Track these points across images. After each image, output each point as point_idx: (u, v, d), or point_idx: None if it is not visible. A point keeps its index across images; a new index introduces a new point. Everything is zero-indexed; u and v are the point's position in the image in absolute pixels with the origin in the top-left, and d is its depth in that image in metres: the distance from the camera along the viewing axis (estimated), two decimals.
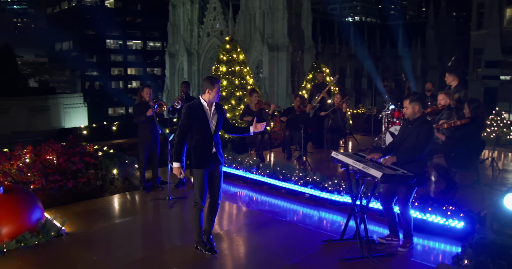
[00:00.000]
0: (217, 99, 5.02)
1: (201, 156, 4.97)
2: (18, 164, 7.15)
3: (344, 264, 4.83)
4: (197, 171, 5.00)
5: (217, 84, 4.95)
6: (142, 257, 5.05)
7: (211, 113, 4.97)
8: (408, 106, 5.18)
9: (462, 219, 5.54)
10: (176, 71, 38.90)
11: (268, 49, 34.19)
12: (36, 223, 5.51)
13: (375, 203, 6.15)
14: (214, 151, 5.02)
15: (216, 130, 5.02)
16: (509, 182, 7.26)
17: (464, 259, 3.94)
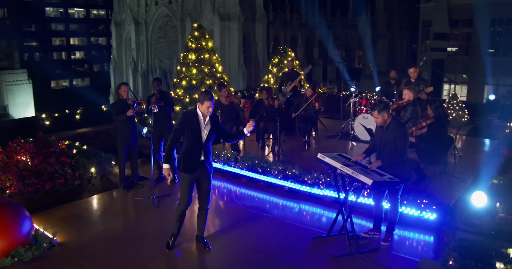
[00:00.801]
0: (211, 113, 5.14)
1: (189, 162, 5.22)
2: None
3: (335, 262, 5.21)
4: (184, 175, 5.27)
5: (207, 101, 5.07)
6: (143, 263, 5.16)
7: (204, 122, 5.15)
8: (378, 116, 5.49)
9: (435, 211, 6.06)
10: (123, 41, 37.41)
11: (219, 18, 33.52)
12: (28, 236, 5.45)
13: None
14: (202, 159, 5.21)
15: (207, 139, 5.20)
16: (470, 169, 7.88)
17: (449, 261, 4.39)
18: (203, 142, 5.17)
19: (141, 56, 36.28)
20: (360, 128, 9.48)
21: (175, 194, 7.35)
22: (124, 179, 7.56)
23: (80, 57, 54.00)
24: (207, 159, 5.24)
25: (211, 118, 5.20)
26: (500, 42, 25.21)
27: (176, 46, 35.66)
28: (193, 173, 5.22)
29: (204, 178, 5.27)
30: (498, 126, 11.59)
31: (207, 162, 5.24)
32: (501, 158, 7.42)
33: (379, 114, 5.42)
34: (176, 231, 5.48)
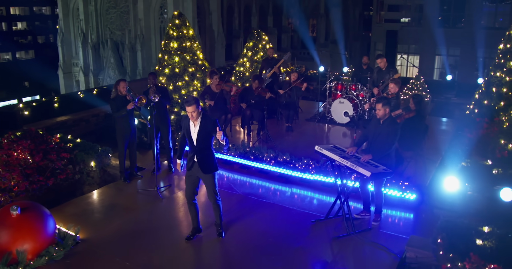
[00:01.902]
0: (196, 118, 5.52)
1: (187, 161, 5.79)
2: None
3: (337, 242, 6.00)
4: (186, 172, 5.85)
5: (187, 107, 5.45)
6: (166, 253, 5.69)
7: (195, 126, 5.59)
8: (381, 108, 6.20)
9: (414, 192, 6.96)
10: (70, 11, 35.65)
11: None
12: (54, 235, 5.80)
13: None
14: (195, 160, 5.67)
15: (198, 142, 5.61)
16: (438, 149, 8.85)
17: (438, 239, 5.26)
18: (194, 144, 5.63)
19: (91, 28, 34.98)
20: (337, 112, 10.22)
21: (176, 184, 7.85)
22: (124, 172, 7.90)
23: (23, 28, 50.68)
24: (200, 160, 5.65)
25: (204, 122, 5.56)
26: (450, 13, 26.56)
27: (127, 17, 34.63)
28: (190, 171, 5.76)
29: (203, 177, 5.75)
30: (456, 104, 12.72)
31: (200, 163, 5.66)
32: (466, 140, 8.38)
33: (382, 107, 6.11)
34: (193, 224, 6.03)
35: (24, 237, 5.44)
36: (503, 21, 27.06)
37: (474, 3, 25.81)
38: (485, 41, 23.81)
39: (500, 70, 9.45)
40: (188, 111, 5.50)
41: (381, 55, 9.32)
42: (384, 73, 8.82)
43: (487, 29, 25.36)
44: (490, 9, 27.38)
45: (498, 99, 9.27)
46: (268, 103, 8.98)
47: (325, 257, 5.73)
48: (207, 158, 5.70)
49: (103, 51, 35.03)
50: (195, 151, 5.67)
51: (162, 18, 34.16)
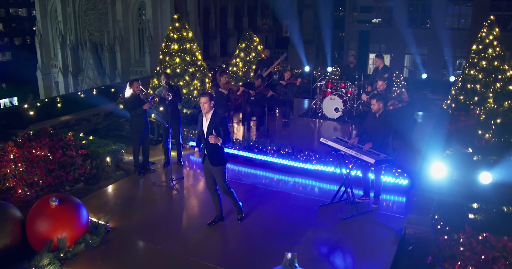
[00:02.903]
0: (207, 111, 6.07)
1: (201, 154, 6.38)
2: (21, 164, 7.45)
3: (343, 223, 6.74)
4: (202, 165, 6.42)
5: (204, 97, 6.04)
6: (194, 237, 6.29)
7: (206, 120, 6.12)
8: (375, 103, 6.99)
9: (406, 178, 7.77)
10: (48, 13, 35.38)
11: None
12: (88, 224, 6.32)
13: None
14: (205, 153, 6.22)
15: (208, 136, 6.03)
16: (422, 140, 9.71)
17: (435, 215, 6.07)
18: (205, 137, 6.13)
19: (69, 29, 34.78)
20: (328, 108, 11.00)
21: (189, 176, 8.44)
22: (138, 166, 8.42)
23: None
24: (210, 154, 6.16)
25: (214, 117, 6.06)
26: (417, 15, 27.91)
27: (106, 18, 34.61)
28: (204, 163, 6.34)
29: (212, 169, 6.26)
30: (431, 99, 13.69)
31: (209, 156, 6.17)
32: (446, 132, 9.29)
33: (377, 102, 6.88)
34: (217, 212, 6.62)
35: (63, 225, 5.92)
36: (465, 22, 28.59)
37: (439, 5, 27.16)
38: (450, 41, 25.19)
39: (474, 69, 10.43)
40: (201, 101, 6.07)
41: (379, 55, 10.05)
42: (380, 72, 9.62)
43: (451, 30, 26.86)
44: (454, 11, 28.87)
45: (473, 95, 10.22)
46: (268, 101, 9.65)
47: (336, 235, 6.45)
48: (215, 151, 6.16)
49: (82, 52, 34.91)
50: (205, 143, 6.18)
51: (140, 19, 34.31)
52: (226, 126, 6.14)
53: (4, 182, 7.23)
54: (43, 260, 5.47)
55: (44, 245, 5.75)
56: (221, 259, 5.81)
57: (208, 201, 7.30)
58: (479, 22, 25.99)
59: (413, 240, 6.48)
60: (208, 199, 7.34)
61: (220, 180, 6.32)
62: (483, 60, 10.16)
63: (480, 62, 10.22)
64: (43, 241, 5.78)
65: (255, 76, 10.64)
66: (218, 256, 5.91)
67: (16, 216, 6.05)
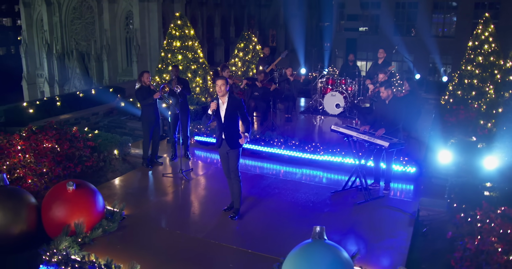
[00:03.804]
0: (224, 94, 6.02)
1: (216, 139, 6.35)
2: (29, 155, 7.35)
3: (358, 207, 6.80)
4: (219, 150, 6.38)
5: (221, 79, 6.02)
6: (213, 221, 6.28)
7: (223, 104, 6.08)
8: (384, 91, 7.13)
9: (414, 166, 7.90)
10: (34, 22, 35.07)
11: None
12: (104, 210, 6.25)
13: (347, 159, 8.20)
14: (223, 137, 6.16)
15: (226, 119, 6.06)
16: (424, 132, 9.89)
17: (451, 194, 6.19)
18: (222, 121, 6.09)
19: (55, 38, 34.53)
20: (329, 104, 11.15)
21: (198, 168, 8.43)
22: (147, 158, 8.37)
23: None
24: (228, 137, 6.09)
25: (232, 101, 6.04)
26: (403, 23, 28.58)
27: (93, 28, 34.51)
28: (220, 148, 6.30)
29: (229, 152, 6.18)
30: (425, 98, 13.97)
31: (227, 140, 6.10)
32: (448, 124, 9.50)
33: (385, 90, 7.03)
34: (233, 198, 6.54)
35: (80, 210, 5.83)
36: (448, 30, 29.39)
37: (423, 14, 27.89)
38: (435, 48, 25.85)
39: (470, 64, 10.74)
40: (217, 84, 5.98)
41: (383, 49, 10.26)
42: (380, 66, 9.82)
43: (436, 37, 27.61)
44: (438, 20, 29.67)
45: (470, 90, 10.50)
46: (273, 95, 9.74)
47: (351, 218, 6.51)
48: (234, 134, 6.11)
49: (69, 61, 34.62)
50: (222, 128, 6.11)
51: (128, 28, 34.31)
52: (244, 109, 6.16)
53: (14, 172, 7.11)
54: (62, 244, 5.38)
55: (60, 231, 5.64)
56: (242, 241, 5.80)
57: (220, 190, 7.31)
58: (463, 29, 26.97)
59: (427, 222, 6.59)
60: (221, 188, 7.37)
61: (234, 162, 6.25)
62: (479, 56, 10.48)
63: (476, 57, 10.55)
64: (60, 226, 5.68)
65: (257, 72, 10.76)
66: (239, 238, 5.91)
67: (31, 202, 5.97)
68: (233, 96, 6.22)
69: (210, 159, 9.06)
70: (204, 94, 11.01)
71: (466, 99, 10.23)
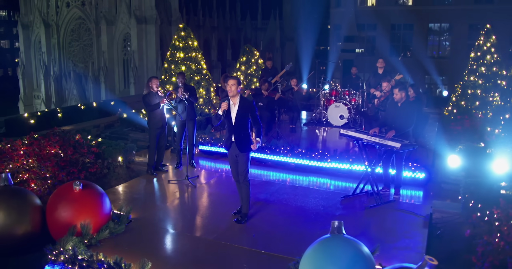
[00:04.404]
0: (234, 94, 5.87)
1: (225, 141, 6.19)
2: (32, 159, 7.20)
3: (370, 211, 6.66)
4: (228, 153, 6.23)
5: (233, 79, 5.90)
6: (223, 224, 6.10)
7: (234, 105, 5.93)
8: (398, 93, 7.10)
9: (423, 171, 7.80)
10: (32, 44, 35.37)
11: (136, 21, 33.50)
12: (111, 213, 6.06)
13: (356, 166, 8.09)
14: (233, 140, 6.00)
15: (236, 121, 5.91)
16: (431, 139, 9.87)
17: (465, 194, 6.08)
18: (232, 123, 5.94)
19: (53, 60, 34.74)
20: (333, 115, 11.13)
21: (204, 175, 8.28)
22: (152, 165, 8.21)
23: None
24: (237, 140, 5.94)
25: (243, 103, 5.89)
26: (399, 44, 29.00)
27: (90, 50, 34.84)
28: (229, 150, 6.14)
29: (239, 155, 6.03)
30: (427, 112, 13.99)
31: (237, 143, 5.95)
32: (453, 132, 9.47)
33: (399, 92, 6.99)
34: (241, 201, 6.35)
35: (87, 211, 5.64)
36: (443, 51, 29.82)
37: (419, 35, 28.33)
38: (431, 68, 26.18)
39: (473, 75, 10.82)
40: (228, 83, 5.84)
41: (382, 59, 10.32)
42: (380, 76, 9.86)
43: (431, 58, 28.02)
44: (433, 42, 30.15)
45: (474, 100, 10.53)
46: (278, 104, 9.70)
47: (364, 220, 6.36)
48: (244, 137, 5.96)
49: (66, 83, 34.76)
50: (233, 130, 5.95)
51: (125, 50, 34.60)
52: (255, 112, 6.02)
53: (17, 175, 6.94)
54: (68, 243, 5.18)
55: (65, 233, 5.45)
56: (254, 242, 5.63)
57: (229, 194, 7.17)
58: (458, 50, 27.35)
59: (441, 224, 6.44)
60: (229, 192, 7.23)
61: (243, 165, 6.07)
62: (482, 66, 10.58)
63: (479, 68, 10.64)
64: (65, 228, 5.48)
65: (261, 82, 10.76)
66: (251, 239, 5.73)
67: (36, 203, 5.79)
68: (245, 97, 6.13)
69: (216, 168, 8.92)
70: (207, 105, 10.96)
71: (470, 109, 10.26)
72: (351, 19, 27.62)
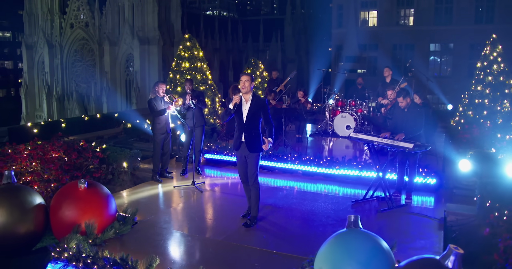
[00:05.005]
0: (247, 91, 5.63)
1: (234, 140, 5.95)
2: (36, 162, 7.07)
3: (382, 214, 6.48)
4: (236, 152, 5.98)
5: (246, 75, 5.68)
6: (232, 226, 5.90)
7: (246, 102, 5.70)
8: (403, 101, 6.99)
9: (434, 177, 7.63)
10: (35, 64, 35.66)
11: (139, 42, 33.85)
12: (116, 213, 5.87)
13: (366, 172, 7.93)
14: (243, 140, 5.76)
15: (248, 120, 5.68)
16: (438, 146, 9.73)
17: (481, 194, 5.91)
18: (243, 122, 5.70)
19: (56, 80, 34.92)
20: (339, 126, 11.02)
21: (210, 181, 8.11)
22: (157, 171, 8.05)
23: None
24: (248, 140, 5.69)
25: (256, 101, 5.67)
26: (400, 64, 29.17)
27: (93, 70, 35.07)
28: (238, 150, 5.87)
29: (248, 156, 5.78)
30: None
31: (247, 143, 5.70)
32: (462, 139, 9.35)
33: (404, 99, 6.91)
34: (249, 203, 6.11)
35: (92, 210, 5.45)
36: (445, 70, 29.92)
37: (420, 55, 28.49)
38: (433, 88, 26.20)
39: (480, 85, 10.78)
40: (241, 80, 5.62)
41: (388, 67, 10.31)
42: (388, 85, 9.81)
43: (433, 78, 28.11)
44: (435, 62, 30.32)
45: (481, 109, 10.45)
46: (284, 113, 9.59)
47: (377, 223, 6.18)
48: (254, 137, 5.72)
49: (68, 103, 34.84)
50: (243, 128, 5.71)
51: (128, 71, 34.83)
52: (268, 111, 5.81)
53: (20, 177, 6.79)
54: (72, 241, 4.98)
55: (69, 233, 5.27)
56: (265, 243, 5.44)
57: (237, 199, 7.03)
58: (459, 70, 27.46)
59: (456, 227, 6.24)
60: (237, 197, 7.10)
61: (253, 166, 5.82)
62: (489, 76, 10.55)
63: (486, 78, 10.60)
64: (69, 227, 5.27)
65: (266, 92, 10.73)
66: (261, 240, 5.53)
67: (39, 202, 5.60)
68: (258, 95, 5.96)
69: (222, 176, 8.72)
70: (212, 116, 10.88)
71: (478, 119, 10.17)
72: (353, 40, 27.85)
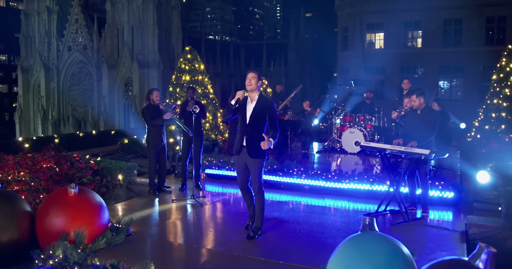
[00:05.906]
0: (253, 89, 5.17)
1: (235, 144, 5.39)
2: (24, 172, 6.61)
3: (398, 227, 5.98)
4: (235, 156, 5.47)
5: (253, 72, 5.23)
6: (235, 237, 5.39)
7: (252, 101, 5.20)
8: (416, 99, 6.57)
9: (451, 190, 7.14)
10: (31, 88, 35.39)
11: (138, 66, 33.72)
12: (108, 223, 5.37)
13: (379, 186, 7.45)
14: (244, 143, 5.24)
15: (251, 121, 5.18)
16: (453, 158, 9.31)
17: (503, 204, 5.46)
18: (246, 122, 5.20)
19: (52, 104, 34.61)
20: (347, 142, 10.58)
21: (211, 195, 7.60)
22: (154, 185, 7.54)
23: None
24: (249, 142, 5.20)
25: (261, 102, 5.18)
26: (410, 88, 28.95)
27: (91, 94, 34.83)
28: (238, 155, 5.35)
29: (249, 162, 5.27)
30: None
31: (248, 146, 5.21)
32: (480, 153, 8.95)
33: (417, 97, 6.49)
34: (250, 212, 5.58)
35: (82, 217, 4.95)
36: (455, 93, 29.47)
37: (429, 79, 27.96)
38: None
39: (497, 98, 10.40)
40: (248, 77, 5.16)
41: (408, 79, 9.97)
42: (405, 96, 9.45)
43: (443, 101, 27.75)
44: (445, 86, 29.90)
45: (499, 123, 10.02)
46: (290, 126, 9.19)
47: (393, 235, 5.62)
48: (257, 141, 5.17)
49: (64, 128, 34.40)
50: (245, 130, 5.22)
51: (126, 95, 34.60)
52: (275, 113, 5.27)
53: (6, 186, 6.31)
54: (59, 249, 4.44)
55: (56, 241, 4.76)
56: (271, 254, 4.92)
57: (239, 212, 6.57)
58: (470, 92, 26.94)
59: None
60: (239, 211, 6.65)
61: (256, 174, 5.25)
62: (505, 88, 10.20)
63: (503, 90, 10.24)
64: (56, 235, 4.76)
65: None
66: (267, 251, 5.01)
67: (25, 208, 5.09)
68: (265, 96, 5.52)
69: (224, 192, 8.14)
70: (214, 131, 10.45)
71: (496, 133, 9.75)
72: (359, 62, 27.66)
